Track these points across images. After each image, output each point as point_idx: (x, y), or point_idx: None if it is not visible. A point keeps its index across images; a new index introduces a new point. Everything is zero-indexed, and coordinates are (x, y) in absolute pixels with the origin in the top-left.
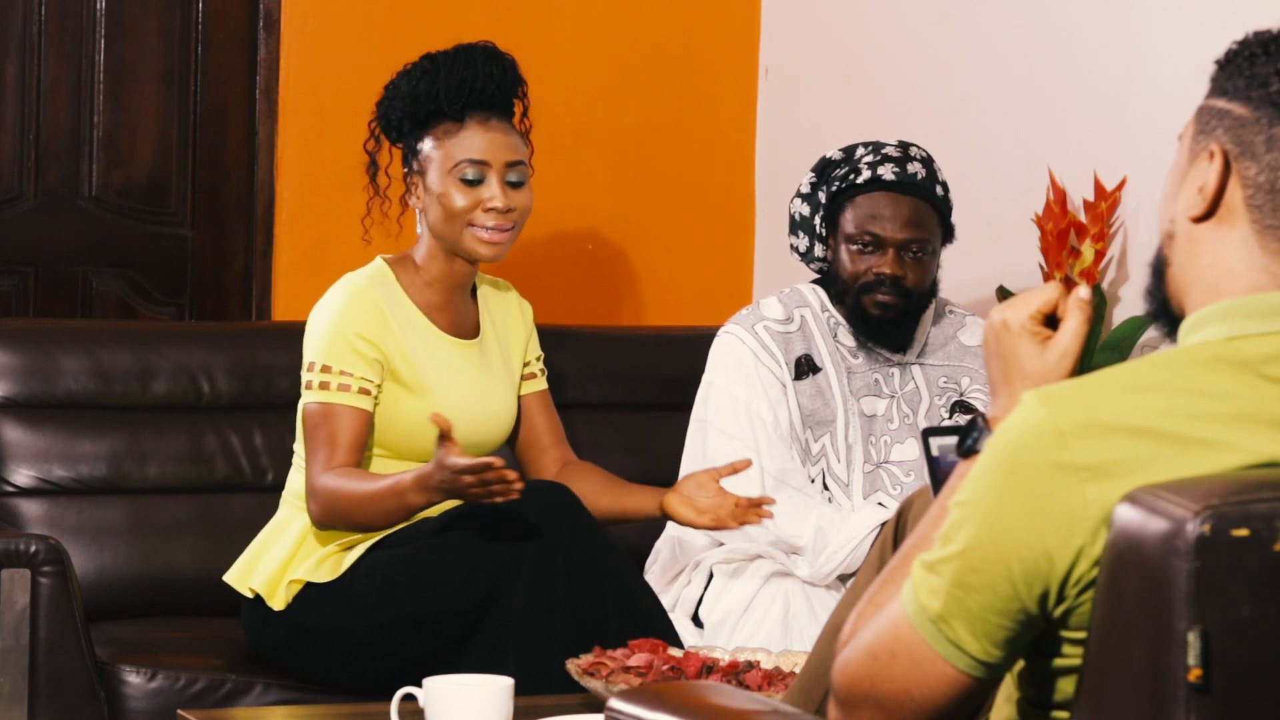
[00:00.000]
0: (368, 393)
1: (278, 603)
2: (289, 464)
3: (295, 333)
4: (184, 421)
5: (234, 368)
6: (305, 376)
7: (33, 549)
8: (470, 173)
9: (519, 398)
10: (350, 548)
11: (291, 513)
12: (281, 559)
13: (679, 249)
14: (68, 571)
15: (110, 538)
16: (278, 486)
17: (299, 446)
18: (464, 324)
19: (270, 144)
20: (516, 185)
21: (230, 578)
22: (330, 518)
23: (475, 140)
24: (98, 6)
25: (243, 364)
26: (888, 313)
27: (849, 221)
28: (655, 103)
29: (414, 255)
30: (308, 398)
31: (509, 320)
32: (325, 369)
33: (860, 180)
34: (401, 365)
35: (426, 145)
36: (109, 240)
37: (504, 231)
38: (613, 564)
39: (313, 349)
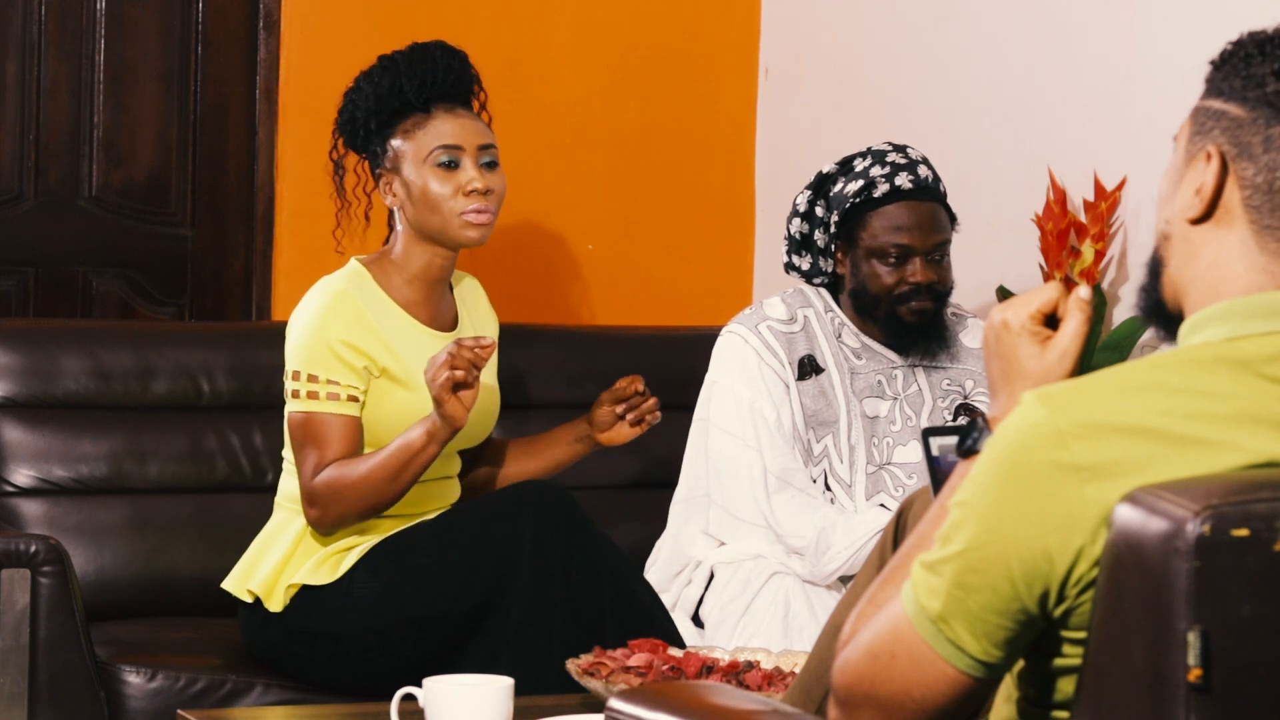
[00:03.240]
0: (355, 399)
1: (275, 605)
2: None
3: None
4: (184, 421)
5: (234, 368)
6: (290, 385)
7: (33, 549)
8: (445, 157)
9: None
10: (348, 550)
11: (287, 516)
12: (278, 561)
13: (679, 249)
14: (68, 571)
15: (110, 538)
16: (277, 487)
17: (288, 452)
18: (443, 317)
19: (270, 144)
20: (490, 167)
21: (228, 584)
22: (332, 514)
23: (446, 127)
24: (98, 6)
25: (243, 364)
26: (924, 318)
27: (872, 235)
28: (655, 103)
29: (391, 253)
30: (294, 406)
31: (482, 316)
32: (311, 378)
33: (878, 194)
34: (390, 361)
35: (396, 141)
36: (109, 240)
37: (486, 213)
38: (612, 562)
39: (296, 357)
